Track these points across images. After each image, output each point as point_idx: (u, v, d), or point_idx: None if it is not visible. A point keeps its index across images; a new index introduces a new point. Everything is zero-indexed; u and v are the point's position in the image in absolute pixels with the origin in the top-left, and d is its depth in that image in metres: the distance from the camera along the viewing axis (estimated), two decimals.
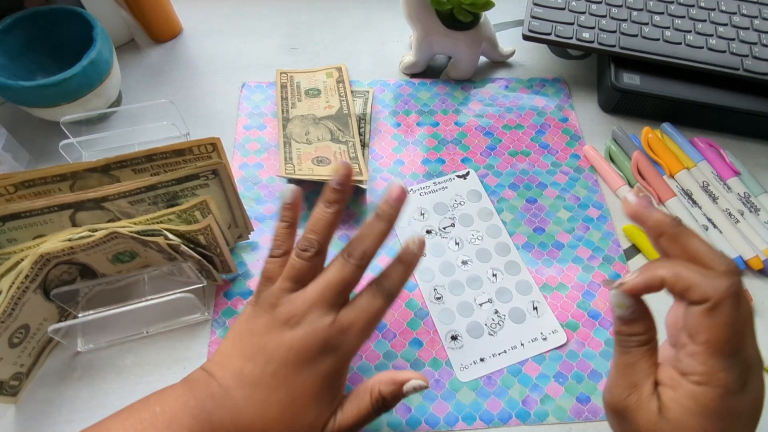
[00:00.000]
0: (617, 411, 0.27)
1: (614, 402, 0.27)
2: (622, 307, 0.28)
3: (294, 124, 0.46)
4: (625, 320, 0.27)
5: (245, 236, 0.40)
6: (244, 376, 0.28)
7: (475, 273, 0.40)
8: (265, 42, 0.53)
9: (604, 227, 0.43)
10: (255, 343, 0.29)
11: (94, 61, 0.41)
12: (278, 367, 0.28)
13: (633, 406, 0.26)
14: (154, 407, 0.27)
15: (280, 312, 0.29)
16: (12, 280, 0.31)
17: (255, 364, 0.28)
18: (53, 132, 0.44)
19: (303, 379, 0.28)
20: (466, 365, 0.37)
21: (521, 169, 0.46)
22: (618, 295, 0.28)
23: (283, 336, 0.28)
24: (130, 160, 0.34)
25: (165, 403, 0.27)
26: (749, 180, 0.45)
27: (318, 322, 0.28)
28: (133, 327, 0.37)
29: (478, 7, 0.45)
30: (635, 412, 0.26)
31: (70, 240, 0.32)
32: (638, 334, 0.27)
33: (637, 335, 0.27)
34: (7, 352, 0.33)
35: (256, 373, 0.28)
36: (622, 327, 0.28)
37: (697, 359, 0.25)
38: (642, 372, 0.27)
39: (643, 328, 0.27)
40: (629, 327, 0.27)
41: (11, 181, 0.32)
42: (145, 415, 0.27)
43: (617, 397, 0.27)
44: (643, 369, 0.27)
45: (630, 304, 0.27)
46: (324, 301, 0.29)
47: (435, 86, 0.51)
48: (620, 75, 0.47)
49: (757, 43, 0.47)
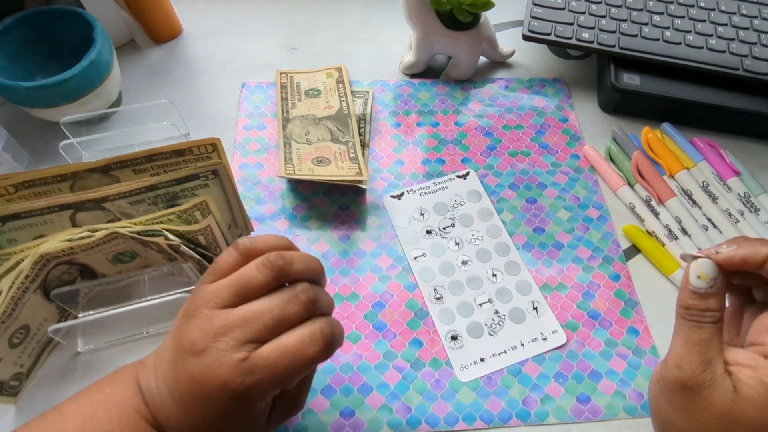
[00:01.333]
0: (689, 387, 0.26)
1: (686, 378, 0.26)
2: (705, 279, 0.27)
3: (294, 124, 0.46)
4: (701, 294, 0.26)
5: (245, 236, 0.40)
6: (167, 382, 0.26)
7: (475, 273, 0.40)
8: (265, 42, 0.53)
9: (603, 227, 0.43)
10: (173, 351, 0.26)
11: (94, 62, 0.41)
12: (184, 392, 0.25)
13: (708, 382, 0.25)
14: (105, 389, 0.27)
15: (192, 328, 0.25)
16: (12, 281, 0.31)
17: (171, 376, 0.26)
18: (53, 132, 0.44)
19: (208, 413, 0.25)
20: (466, 365, 0.37)
21: (521, 169, 0.46)
22: (705, 264, 0.27)
23: (186, 360, 0.25)
24: (130, 161, 0.34)
25: (115, 385, 0.27)
26: (749, 180, 0.45)
27: (224, 356, 0.24)
28: (134, 327, 0.37)
29: (478, 7, 0.45)
30: (710, 388, 0.25)
31: (70, 240, 0.32)
32: (713, 310, 0.26)
33: (712, 311, 0.26)
34: (8, 353, 0.33)
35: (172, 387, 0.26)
36: (696, 301, 0.27)
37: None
38: (715, 349, 0.26)
39: (719, 304, 0.26)
40: (704, 301, 0.26)
41: (11, 181, 0.32)
42: (98, 396, 0.27)
43: (690, 373, 0.26)
44: (715, 346, 0.26)
45: (715, 276, 0.26)
46: (244, 331, 0.24)
47: (435, 86, 0.51)
48: (620, 75, 0.47)
49: (757, 43, 0.47)
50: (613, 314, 0.39)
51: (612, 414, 0.35)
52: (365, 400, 0.35)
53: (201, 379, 0.24)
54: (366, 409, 0.35)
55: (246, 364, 0.24)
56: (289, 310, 0.25)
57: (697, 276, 0.27)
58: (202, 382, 0.24)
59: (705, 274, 0.27)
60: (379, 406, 0.35)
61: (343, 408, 0.35)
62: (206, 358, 0.24)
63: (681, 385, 0.26)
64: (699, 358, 0.26)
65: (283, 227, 0.42)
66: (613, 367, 0.37)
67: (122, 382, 0.28)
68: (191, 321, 0.25)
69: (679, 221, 0.42)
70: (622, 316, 0.39)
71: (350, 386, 0.36)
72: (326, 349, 0.25)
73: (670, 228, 0.42)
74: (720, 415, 0.25)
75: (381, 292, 0.40)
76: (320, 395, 0.35)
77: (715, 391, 0.25)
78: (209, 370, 0.24)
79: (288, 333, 0.25)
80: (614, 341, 0.38)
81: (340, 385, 0.36)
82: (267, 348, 0.24)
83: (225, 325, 0.24)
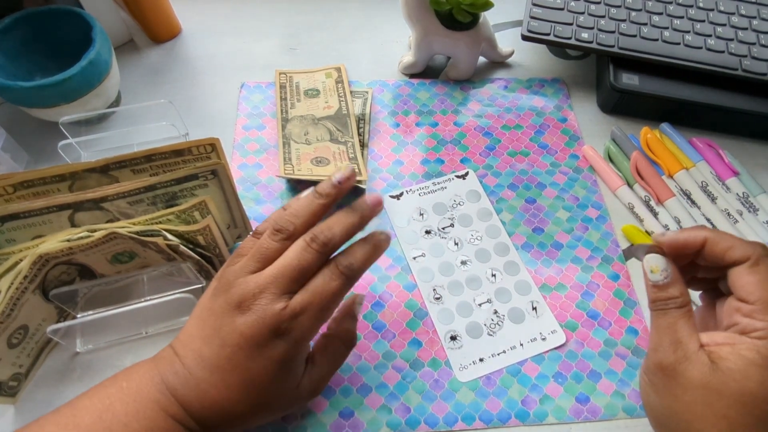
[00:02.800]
0: (664, 368, 0.27)
1: (660, 359, 0.28)
2: (657, 271, 0.28)
3: (293, 124, 0.46)
4: (659, 285, 0.28)
5: (244, 236, 0.40)
6: (203, 358, 0.28)
7: (474, 273, 0.40)
8: (265, 42, 0.53)
9: (603, 227, 0.43)
10: (212, 324, 0.28)
11: (93, 62, 0.41)
12: (232, 351, 0.27)
13: (681, 359, 0.27)
14: (121, 383, 0.28)
15: (233, 294, 0.28)
16: (11, 281, 0.31)
17: (211, 346, 0.28)
18: (52, 132, 0.44)
19: (257, 364, 0.28)
20: (465, 365, 0.37)
21: (520, 169, 0.46)
22: (653, 258, 0.29)
23: (235, 321, 0.28)
24: (129, 161, 0.34)
25: (132, 379, 0.28)
26: (748, 180, 0.45)
27: (268, 307, 0.28)
28: (132, 327, 0.37)
29: (477, 7, 0.45)
30: (685, 365, 0.26)
31: (69, 240, 0.32)
32: (674, 297, 0.28)
33: (673, 298, 0.28)
34: (6, 353, 0.33)
35: (213, 356, 0.28)
36: (659, 293, 0.29)
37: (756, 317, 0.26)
38: (684, 330, 0.27)
39: (678, 291, 0.28)
40: (665, 292, 0.28)
41: (10, 181, 0.32)
42: (113, 390, 0.28)
43: (663, 354, 0.27)
44: (684, 327, 0.27)
45: (665, 267, 0.28)
46: (277, 285, 0.28)
47: (434, 86, 0.51)
48: (619, 75, 0.47)
49: (756, 43, 0.47)
50: (612, 314, 0.39)
51: (611, 414, 0.35)
52: (364, 400, 0.35)
53: (252, 331, 0.27)
54: (365, 410, 0.35)
55: (287, 310, 0.28)
56: (305, 259, 0.29)
57: (650, 270, 0.29)
58: (253, 334, 0.27)
59: (656, 266, 0.29)
60: (378, 406, 0.35)
61: (343, 408, 0.35)
62: (253, 314, 0.27)
63: (658, 366, 0.28)
64: (669, 339, 0.27)
65: None
66: (612, 367, 0.37)
67: (139, 376, 0.28)
68: (230, 291, 0.28)
69: (678, 221, 0.43)
70: (621, 315, 0.39)
71: (349, 386, 0.36)
72: (347, 280, 0.29)
73: (669, 228, 0.42)
74: (700, 389, 0.26)
75: (380, 292, 0.40)
76: (320, 395, 0.35)
77: (691, 366, 0.26)
78: (259, 322, 0.27)
79: (313, 278, 0.29)
80: (613, 341, 0.38)
81: (339, 386, 0.36)
82: (299, 294, 0.28)
83: (259, 285, 0.28)
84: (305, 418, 0.35)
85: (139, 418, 0.26)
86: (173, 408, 0.27)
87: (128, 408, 0.27)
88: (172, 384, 0.28)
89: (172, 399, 0.27)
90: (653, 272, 0.29)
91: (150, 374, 0.28)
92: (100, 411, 0.27)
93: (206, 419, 0.28)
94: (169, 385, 0.28)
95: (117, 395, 0.27)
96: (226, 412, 0.28)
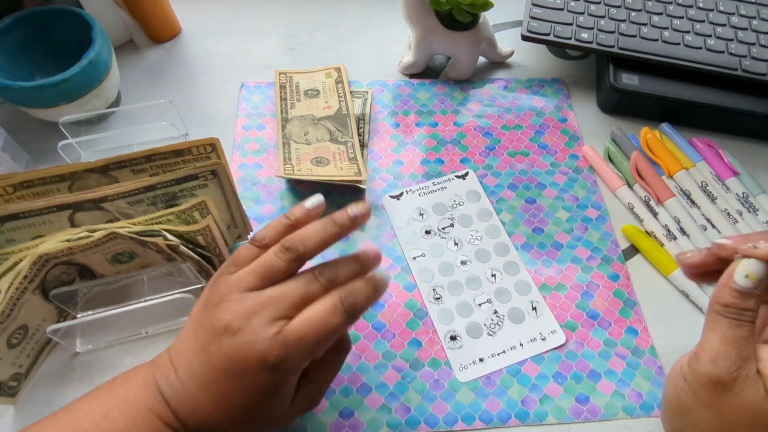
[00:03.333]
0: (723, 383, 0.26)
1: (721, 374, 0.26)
2: (753, 278, 0.26)
3: (293, 124, 0.46)
4: (744, 293, 0.26)
5: (244, 237, 0.40)
6: (193, 372, 0.27)
7: (474, 273, 0.40)
8: (264, 42, 0.53)
9: (602, 227, 0.43)
10: (201, 339, 0.27)
11: (92, 62, 0.41)
12: (218, 374, 0.26)
13: (743, 379, 0.26)
14: (119, 389, 0.28)
15: (224, 311, 0.27)
16: (11, 281, 0.31)
17: (200, 363, 0.27)
18: (52, 132, 0.44)
19: (243, 390, 0.26)
20: (465, 365, 0.37)
21: (520, 169, 0.46)
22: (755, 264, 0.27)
23: (221, 341, 0.26)
24: (129, 161, 0.34)
25: (129, 386, 0.28)
26: (748, 180, 0.45)
27: (259, 332, 0.26)
28: (132, 328, 0.37)
29: (477, 7, 0.45)
30: (743, 385, 0.26)
31: (69, 240, 0.32)
32: (752, 309, 0.26)
33: (751, 311, 0.26)
34: (6, 353, 0.33)
35: (201, 373, 0.27)
36: (740, 300, 0.27)
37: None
38: (751, 348, 0.26)
39: (757, 304, 0.27)
40: (746, 300, 0.26)
41: (10, 181, 0.32)
42: (111, 397, 0.27)
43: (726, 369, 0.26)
44: (751, 345, 0.26)
45: (763, 277, 0.26)
46: (274, 309, 0.26)
47: (434, 86, 0.51)
48: (619, 75, 0.47)
49: (756, 43, 0.47)
50: (612, 314, 0.39)
51: (611, 414, 0.35)
52: (364, 400, 0.35)
53: (238, 356, 0.26)
54: (365, 410, 0.35)
55: (280, 337, 0.26)
56: (311, 289, 0.28)
57: (745, 275, 0.27)
58: (239, 359, 0.26)
59: (754, 274, 0.26)
60: (378, 406, 0.35)
61: (342, 408, 0.35)
62: (242, 336, 0.26)
63: (715, 381, 0.26)
64: (736, 355, 0.26)
65: None
66: (612, 367, 0.37)
67: (137, 382, 0.28)
68: (221, 305, 0.27)
69: (678, 221, 0.43)
70: (621, 316, 0.39)
71: (349, 386, 0.36)
72: (348, 318, 0.27)
73: (669, 228, 0.42)
74: (750, 413, 0.25)
75: None
76: None
77: (749, 389, 0.25)
78: (246, 346, 0.26)
79: (313, 305, 0.27)
80: (613, 341, 0.38)
81: (339, 386, 0.36)
82: (296, 322, 0.26)
83: (257, 304, 0.26)
84: (305, 419, 0.35)
85: (138, 427, 0.26)
86: (168, 417, 0.27)
87: (126, 416, 0.27)
88: (167, 393, 0.27)
89: (167, 408, 0.27)
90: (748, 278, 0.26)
91: (147, 381, 0.28)
92: (98, 418, 0.26)
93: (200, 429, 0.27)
94: (164, 393, 0.27)
95: (115, 402, 0.27)
96: (218, 426, 0.27)
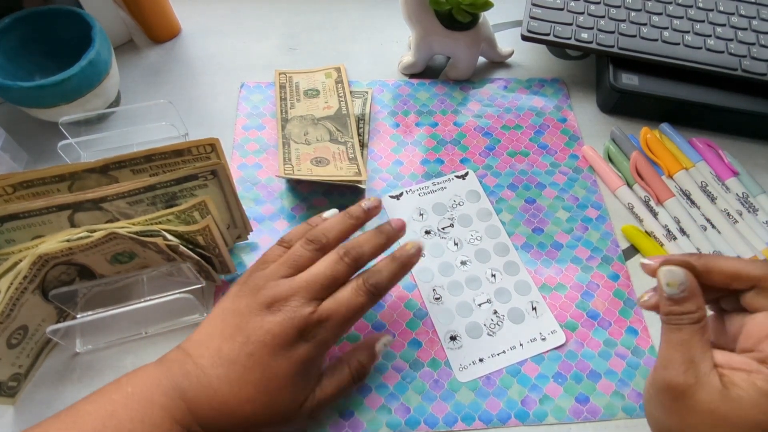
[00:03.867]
0: (673, 387, 0.26)
1: (670, 378, 0.26)
2: (673, 286, 0.27)
3: (293, 124, 0.46)
4: (676, 299, 0.27)
5: (244, 237, 0.40)
6: (221, 355, 0.28)
7: (474, 273, 0.40)
8: (264, 42, 0.53)
9: (602, 227, 0.43)
10: (236, 323, 0.29)
11: (92, 62, 0.41)
12: (255, 348, 0.28)
13: (692, 381, 0.26)
14: (126, 388, 0.28)
15: (264, 295, 0.30)
16: (10, 281, 0.31)
17: (233, 343, 0.29)
18: (52, 132, 0.44)
19: (278, 363, 0.28)
20: (465, 365, 0.37)
21: (520, 169, 0.46)
22: (670, 271, 0.27)
23: (263, 319, 0.29)
24: (128, 161, 0.34)
25: (137, 384, 0.28)
26: (748, 180, 0.45)
27: (298, 310, 0.29)
28: (132, 328, 0.37)
29: (477, 7, 0.45)
30: (695, 387, 0.26)
31: (69, 241, 0.32)
32: (690, 312, 0.27)
33: (689, 314, 0.27)
34: (6, 353, 0.33)
35: (233, 352, 0.28)
36: (673, 307, 0.27)
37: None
38: (698, 348, 0.26)
39: (695, 306, 0.27)
40: (681, 306, 0.27)
41: (10, 181, 0.32)
42: (117, 396, 0.27)
43: (673, 373, 0.26)
44: (698, 345, 0.26)
45: (683, 281, 0.27)
46: (309, 291, 0.30)
47: (434, 87, 0.51)
48: (619, 75, 0.47)
49: (755, 43, 0.47)
50: (612, 314, 0.39)
51: (611, 414, 0.35)
52: (364, 400, 0.35)
53: (279, 330, 0.29)
54: (365, 410, 0.35)
55: (315, 315, 0.29)
56: (337, 270, 0.31)
57: (667, 284, 0.27)
58: (280, 333, 0.29)
59: (674, 281, 0.27)
60: (377, 406, 0.35)
61: (342, 409, 0.35)
62: (283, 314, 0.29)
63: (667, 385, 0.27)
64: (681, 358, 0.26)
65: (282, 227, 0.42)
66: (612, 367, 0.37)
67: (144, 380, 0.28)
68: (260, 293, 0.30)
69: (678, 221, 0.43)
70: (621, 316, 0.39)
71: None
72: (372, 297, 0.31)
73: (669, 228, 0.42)
74: (707, 414, 0.25)
75: None
76: None
77: (701, 390, 0.25)
78: (288, 322, 0.29)
79: (341, 289, 0.31)
80: (613, 341, 0.38)
81: None
82: (327, 302, 0.30)
83: (291, 288, 0.30)
84: None
85: (145, 424, 0.26)
86: (179, 412, 0.27)
87: (133, 414, 0.26)
88: (181, 385, 0.27)
89: (179, 402, 0.27)
90: (670, 285, 0.27)
91: (156, 378, 0.28)
92: (104, 417, 0.26)
93: (211, 422, 0.28)
94: (178, 386, 0.27)
95: (121, 401, 0.27)
96: (234, 413, 0.28)
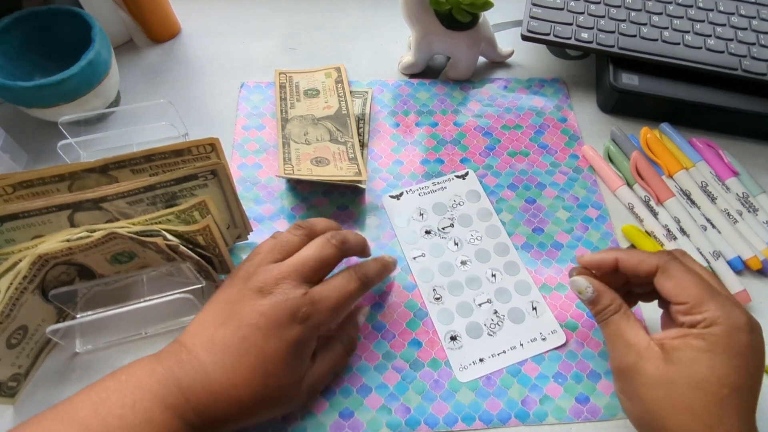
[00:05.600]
0: (623, 370, 0.30)
1: (617, 364, 0.30)
2: (583, 291, 0.32)
3: (293, 124, 0.46)
4: (591, 300, 0.32)
5: (244, 237, 0.40)
6: (215, 341, 0.29)
7: (474, 273, 0.40)
8: (264, 42, 0.53)
9: (603, 227, 0.43)
10: (228, 310, 0.30)
11: (92, 62, 0.41)
12: (248, 332, 0.29)
13: (635, 358, 0.29)
14: (120, 376, 0.28)
15: (255, 280, 0.30)
16: (10, 281, 0.31)
17: (226, 329, 0.29)
18: (51, 132, 0.44)
19: (272, 345, 0.29)
20: (465, 365, 0.37)
21: (520, 169, 0.46)
22: (575, 281, 0.33)
23: (255, 303, 0.30)
24: (128, 161, 0.34)
25: (132, 373, 0.28)
26: (748, 180, 0.45)
27: (290, 292, 0.30)
28: (132, 328, 0.37)
29: (477, 7, 0.45)
30: (639, 363, 0.29)
31: (69, 240, 0.32)
32: (608, 306, 0.31)
33: (607, 307, 0.31)
34: (6, 353, 0.33)
35: (227, 337, 0.29)
36: (594, 307, 0.32)
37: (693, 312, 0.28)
38: (629, 331, 0.30)
39: (609, 299, 0.32)
40: (598, 304, 0.32)
41: (9, 181, 0.32)
42: (110, 384, 0.28)
43: (619, 359, 0.30)
44: (628, 329, 0.30)
45: (587, 285, 0.32)
46: (299, 274, 0.31)
47: (434, 86, 0.51)
48: (619, 75, 0.47)
49: (755, 43, 0.47)
50: None
51: (611, 414, 0.35)
52: (364, 400, 0.35)
53: (272, 311, 0.29)
54: (365, 410, 0.35)
55: (307, 296, 0.30)
56: (326, 252, 0.32)
57: (578, 291, 0.32)
58: (273, 314, 0.29)
59: (580, 288, 0.32)
60: (378, 406, 0.35)
61: (342, 409, 0.35)
62: (276, 296, 0.30)
63: (618, 371, 0.30)
64: (620, 343, 0.30)
65: (282, 227, 0.42)
66: None
67: (139, 369, 0.28)
68: (252, 278, 0.31)
69: (678, 221, 0.43)
70: None
71: (349, 387, 0.36)
72: (362, 285, 0.33)
73: (669, 228, 0.42)
74: (658, 382, 0.28)
75: (380, 292, 0.40)
76: (319, 396, 0.35)
77: (646, 362, 0.28)
78: (280, 304, 0.29)
79: (333, 276, 0.33)
80: None
81: (339, 386, 0.36)
82: (320, 286, 0.32)
83: (281, 272, 0.31)
84: (305, 419, 0.35)
85: (136, 410, 0.26)
86: (173, 399, 0.27)
87: (125, 400, 0.27)
88: (176, 373, 0.28)
89: (174, 390, 0.27)
90: (581, 293, 0.32)
91: (151, 367, 0.28)
92: (96, 404, 0.27)
93: (207, 409, 0.28)
94: (172, 374, 0.28)
95: (114, 388, 0.27)
96: (230, 398, 0.28)
